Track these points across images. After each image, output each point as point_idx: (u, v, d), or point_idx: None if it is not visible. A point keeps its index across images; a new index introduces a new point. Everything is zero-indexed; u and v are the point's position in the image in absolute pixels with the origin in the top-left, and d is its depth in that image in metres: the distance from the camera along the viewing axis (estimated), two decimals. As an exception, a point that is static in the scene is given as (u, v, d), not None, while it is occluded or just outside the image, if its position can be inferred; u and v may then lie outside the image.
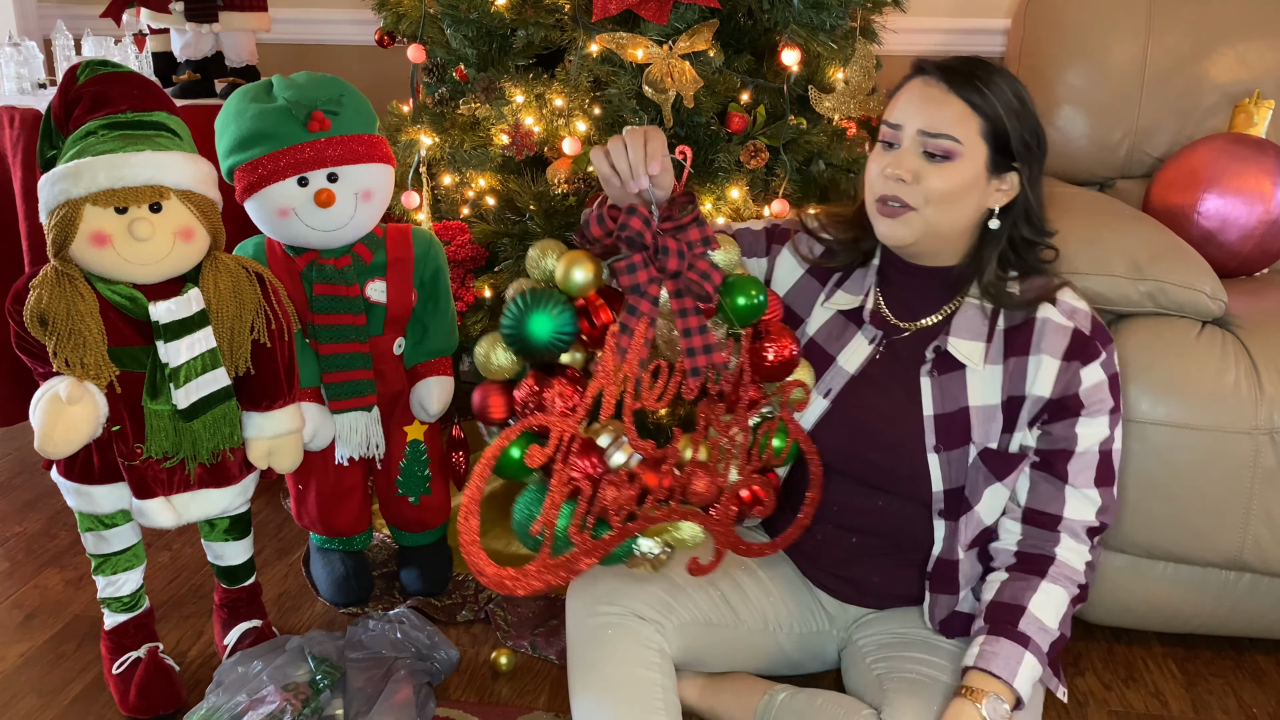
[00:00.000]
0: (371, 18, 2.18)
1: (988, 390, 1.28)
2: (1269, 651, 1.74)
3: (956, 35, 2.49)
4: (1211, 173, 1.88)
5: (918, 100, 1.24)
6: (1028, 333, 1.28)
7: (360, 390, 1.64)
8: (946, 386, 1.30)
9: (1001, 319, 1.29)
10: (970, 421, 1.28)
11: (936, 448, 1.29)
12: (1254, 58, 2.07)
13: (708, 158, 1.75)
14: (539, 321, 1.14)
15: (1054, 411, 1.27)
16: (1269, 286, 1.87)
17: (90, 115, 1.36)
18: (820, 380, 1.36)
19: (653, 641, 1.31)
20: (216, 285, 1.39)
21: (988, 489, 1.29)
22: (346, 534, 1.79)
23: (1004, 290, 1.28)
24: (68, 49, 2.25)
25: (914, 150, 1.24)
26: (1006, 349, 1.28)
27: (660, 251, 1.16)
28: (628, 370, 1.16)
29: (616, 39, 1.66)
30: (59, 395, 1.32)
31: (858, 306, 1.37)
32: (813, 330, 1.39)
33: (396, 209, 1.84)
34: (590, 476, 1.16)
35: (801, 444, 1.33)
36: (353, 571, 1.79)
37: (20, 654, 1.68)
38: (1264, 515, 1.52)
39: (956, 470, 1.29)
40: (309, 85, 1.54)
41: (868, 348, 1.35)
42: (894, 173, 1.24)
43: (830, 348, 1.37)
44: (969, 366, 1.29)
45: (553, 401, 1.16)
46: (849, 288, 1.38)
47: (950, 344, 1.29)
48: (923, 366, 1.31)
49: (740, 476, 1.28)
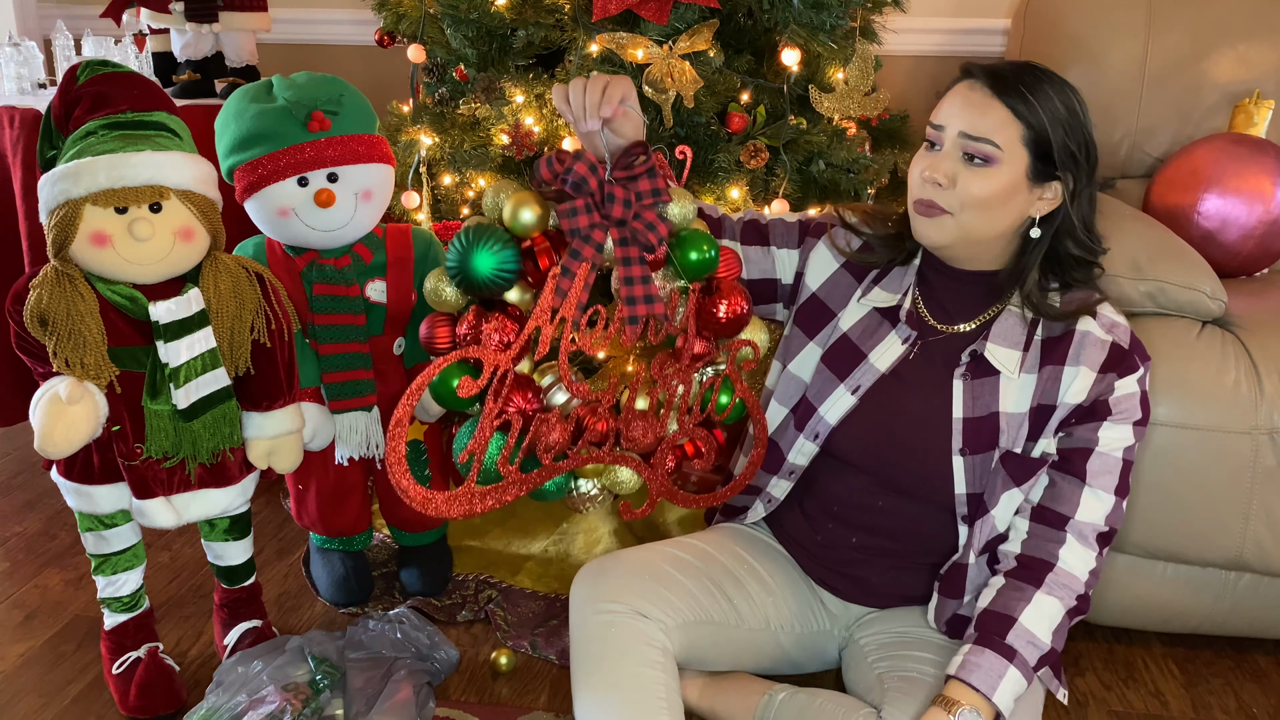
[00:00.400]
0: (371, 18, 2.18)
1: (1020, 398, 1.28)
2: (1269, 651, 1.74)
3: (956, 35, 2.49)
4: (1211, 173, 1.88)
5: (961, 103, 1.23)
6: (1066, 344, 1.27)
7: (360, 390, 1.64)
8: (979, 391, 1.29)
9: (1040, 329, 1.29)
10: (999, 427, 1.28)
11: (962, 450, 1.29)
12: (1254, 58, 2.07)
13: (708, 158, 1.75)
14: (481, 258, 1.17)
15: (1081, 416, 1.27)
16: (1269, 286, 1.87)
17: (90, 115, 1.36)
18: (850, 376, 1.35)
19: (655, 640, 1.31)
20: (216, 285, 1.39)
21: (1005, 494, 1.29)
22: (346, 534, 1.79)
23: (1045, 301, 1.28)
24: (68, 49, 2.25)
25: (954, 154, 1.23)
26: (1043, 359, 1.28)
27: (607, 199, 1.17)
28: (565, 313, 1.17)
29: (616, 39, 1.66)
30: (59, 395, 1.32)
31: (894, 305, 1.36)
32: (846, 326, 1.38)
33: (396, 209, 1.84)
34: (522, 412, 1.17)
35: (748, 404, 1.33)
36: (353, 571, 1.79)
37: (20, 654, 1.67)
38: (1264, 515, 1.52)
39: (980, 475, 1.29)
40: (309, 85, 1.54)
41: (901, 347, 1.34)
42: (932, 176, 1.24)
43: (863, 344, 1.36)
44: (1004, 374, 1.28)
45: (489, 336, 1.18)
46: (887, 285, 1.37)
47: (988, 350, 1.29)
48: (957, 369, 1.30)
49: (679, 429, 1.28)
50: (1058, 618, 1.26)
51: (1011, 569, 1.30)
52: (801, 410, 1.40)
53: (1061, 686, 1.34)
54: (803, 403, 1.40)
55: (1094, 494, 1.27)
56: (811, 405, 1.38)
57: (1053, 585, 1.26)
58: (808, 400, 1.39)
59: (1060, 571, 1.27)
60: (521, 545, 1.98)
